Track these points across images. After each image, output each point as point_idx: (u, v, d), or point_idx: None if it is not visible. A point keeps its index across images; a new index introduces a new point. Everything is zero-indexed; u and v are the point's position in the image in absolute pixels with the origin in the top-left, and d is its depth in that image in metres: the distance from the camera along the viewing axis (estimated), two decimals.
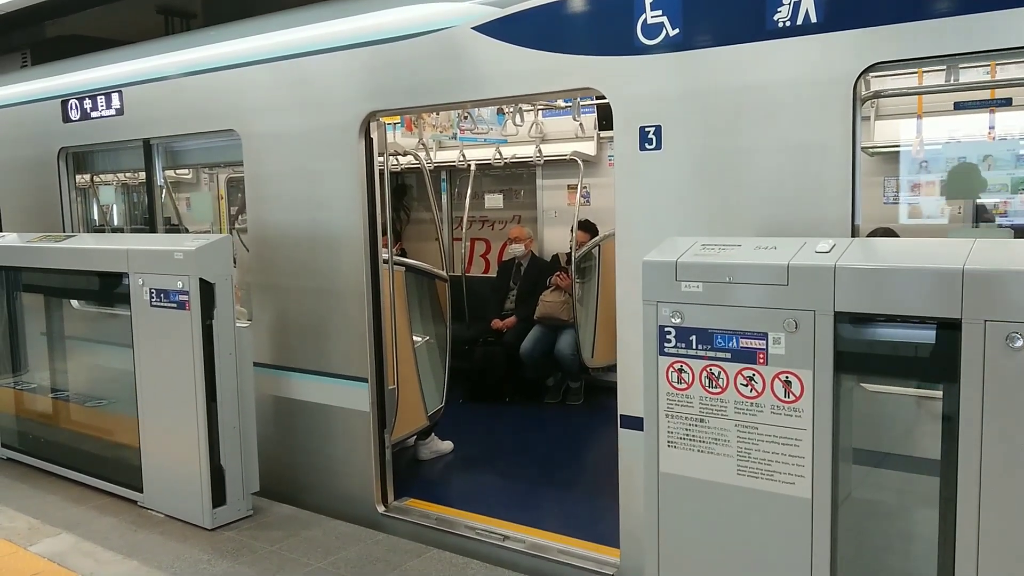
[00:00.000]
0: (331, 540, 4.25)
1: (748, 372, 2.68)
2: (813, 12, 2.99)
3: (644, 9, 3.37)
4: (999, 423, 2.26)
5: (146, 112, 5.56)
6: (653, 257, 2.88)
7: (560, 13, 3.63)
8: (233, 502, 4.48)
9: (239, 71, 4.93)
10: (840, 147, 3.00)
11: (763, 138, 3.16)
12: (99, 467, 5.06)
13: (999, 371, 2.24)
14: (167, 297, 4.38)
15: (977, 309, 2.26)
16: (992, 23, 2.68)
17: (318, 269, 4.72)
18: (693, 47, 3.28)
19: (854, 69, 2.94)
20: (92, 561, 4.02)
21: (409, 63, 4.18)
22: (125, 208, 8.07)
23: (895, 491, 2.99)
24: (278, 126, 4.80)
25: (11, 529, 4.44)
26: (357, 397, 4.60)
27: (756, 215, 3.19)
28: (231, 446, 4.45)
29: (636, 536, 3.50)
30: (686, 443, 2.83)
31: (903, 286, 2.41)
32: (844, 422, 2.62)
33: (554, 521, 4.51)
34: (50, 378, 5.74)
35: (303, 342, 4.85)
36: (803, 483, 2.61)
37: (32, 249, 5.34)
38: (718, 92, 3.24)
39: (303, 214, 4.75)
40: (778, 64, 3.09)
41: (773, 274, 2.61)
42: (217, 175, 8.50)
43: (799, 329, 2.57)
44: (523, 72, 3.78)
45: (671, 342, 2.82)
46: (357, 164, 4.46)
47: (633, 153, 3.47)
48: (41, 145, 6.35)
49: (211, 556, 4.07)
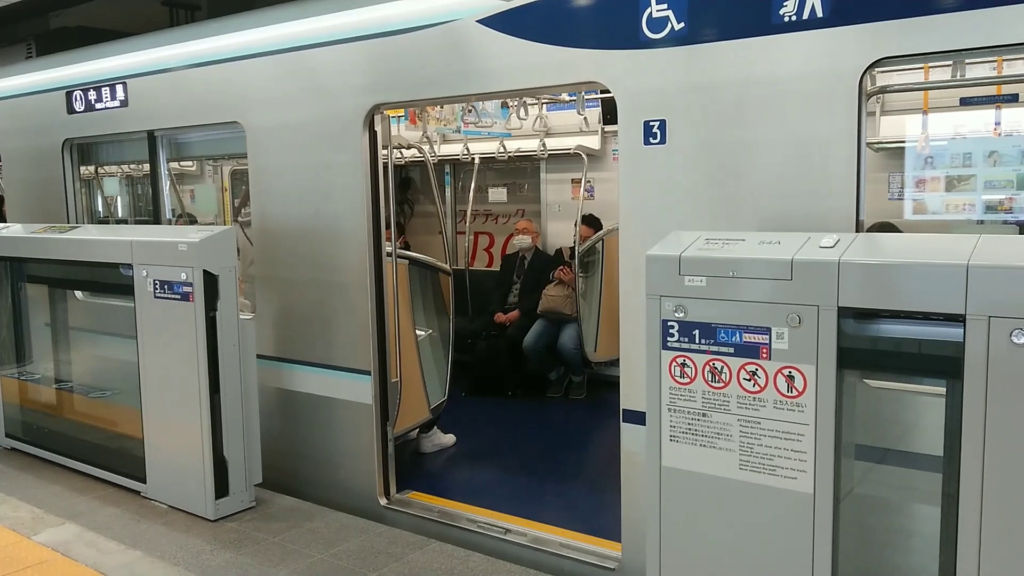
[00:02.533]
0: (333, 532, 4.26)
1: (751, 367, 2.68)
2: (819, 6, 2.98)
3: (649, 3, 3.36)
4: (1002, 419, 2.26)
5: (150, 104, 5.56)
6: (657, 251, 2.88)
7: (565, 6, 3.62)
8: (236, 493, 4.50)
9: (243, 63, 4.92)
10: (845, 142, 2.99)
11: (768, 133, 3.15)
12: (103, 458, 5.08)
13: (1002, 367, 2.24)
14: (171, 289, 4.38)
15: (981, 305, 2.26)
16: (999, 18, 2.67)
17: (321, 262, 4.73)
18: (698, 41, 3.27)
19: (860, 64, 2.93)
20: (95, 551, 4.04)
21: (413, 56, 4.17)
22: (129, 200, 8.08)
23: (897, 487, 2.99)
24: (282, 119, 4.80)
25: (15, 519, 4.46)
26: (360, 390, 4.61)
27: (760, 210, 3.19)
28: (234, 437, 4.46)
29: (638, 530, 3.50)
30: (688, 437, 2.83)
31: (907, 282, 2.40)
32: (847, 418, 2.62)
33: (556, 515, 4.52)
34: (54, 369, 5.76)
35: (306, 334, 4.86)
36: (805, 478, 2.61)
37: (37, 240, 5.35)
38: (723, 86, 3.23)
39: (307, 207, 4.75)
40: (783, 59, 3.08)
41: (777, 269, 2.60)
42: (221, 167, 8.52)
43: (802, 324, 2.56)
44: (527, 65, 3.77)
45: (674, 336, 2.82)
46: (361, 157, 4.46)
47: (637, 147, 3.47)
48: (46, 136, 6.36)
49: (214, 547, 4.09)
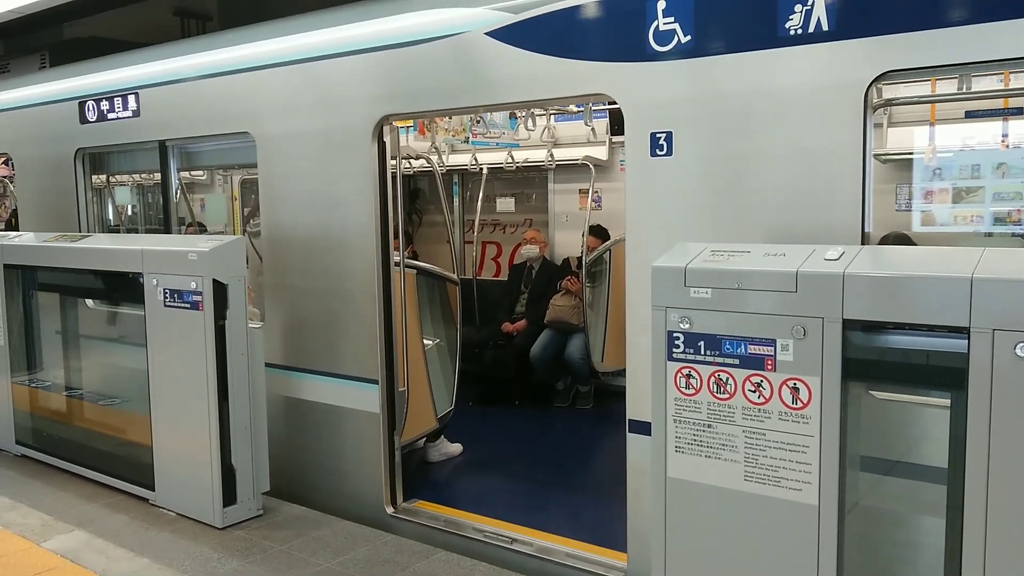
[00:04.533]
0: (340, 540, 4.28)
1: (756, 378, 2.69)
2: (825, 20, 3.00)
3: (656, 16, 3.39)
4: (1006, 432, 2.26)
5: (162, 114, 5.61)
6: (663, 263, 2.90)
7: (572, 19, 3.65)
8: (243, 501, 4.52)
9: (254, 74, 4.97)
10: (851, 155, 3.00)
11: (774, 146, 3.17)
12: (112, 465, 5.11)
13: (1007, 380, 2.24)
14: (181, 297, 4.42)
15: (985, 318, 2.26)
16: (1004, 32, 2.69)
17: (330, 271, 4.75)
18: (704, 54, 3.29)
19: (865, 77, 2.94)
20: (104, 558, 4.07)
21: (422, 67, 4.21)
22: (140, 208, 8.14)
23: (903, 499, 2.98)
24: (292, 129, 4.84)
25: (25, 525, 4.49)
26: (367, 399, 4.63)
27: (766, 221, 3.20)
28: (242, 446, 4.49)
29: (643, 540, 3.51)
30: (694, 448, 2.84)
31: (911, 294, 2.41)
32: (852, 429, 2.63)
33: (562, 524, 4.52)
34: (64, 376, 5.80)
35: (314, 343, 4.88)
36: (810, 490, 2.62)
37: (48, 248, 5.40)
38: (729, 99, 3.25)
39: (316, 216, 4.79)
40: (789, 72, 3.10)
41: (782, 281, 2.61)
42: (231, 176, 8.58)
43: (807, 336, 2.57)
44: (535, 77, 3.80)
45: (680, 347, 2.83)
46: (370, 167, 4.49)
47: (644, 159, 3.49)
48: (59, 146, 6.42)
49: (221, 555, 4.11)
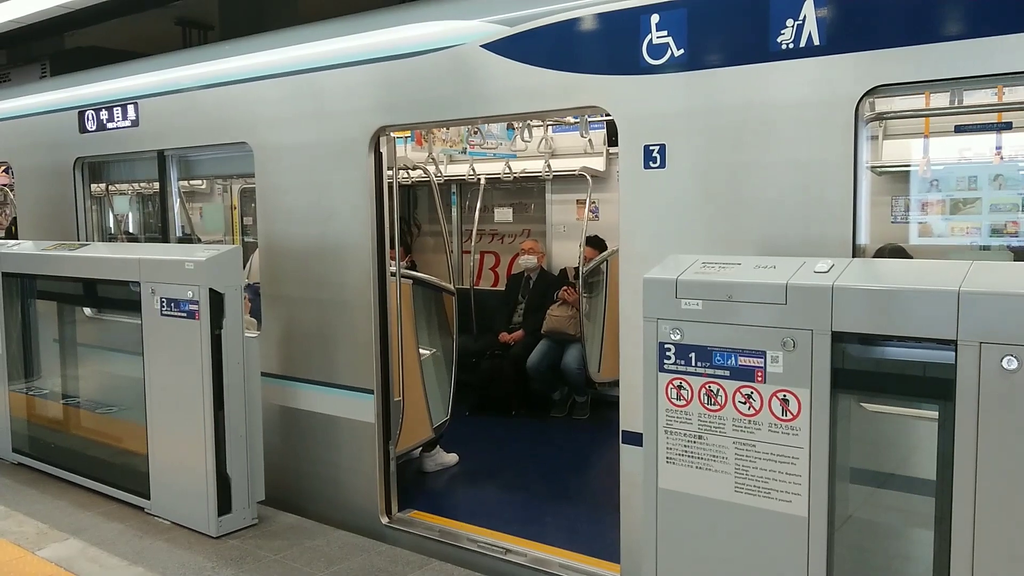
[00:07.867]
0: (334, 550, 4.28)
1: (746, 390, 2.70)
2: (816, 35, 3.03)
3: (650, 29, 3.42)
4: (994, 444, 2.28)
5: (161, 124, 5.64)
6: (654, 274, 2.92)
7: (567, 32, 3.68)
8: (238, 510, 4.52)
9: (252, 85, 5.00)
10: (842, 168, 3.02)
11: (766, 159, 3.19)
12: (107, 473, 5.12)
13: (993, 392, 2.26)
14: (177, 306, 4.44)
15: (972, 331, 2.28)
16: (996, 47, 2.71)
17: (326, 281, 4.77)
18: (697, 67, 3.32)
19: (856, 91, 2.97)
20: (98, 567, 4.07)
21: (419, 79, 4.24)
22: (139, 217, 8.16)
23: (892, 511, 2.99)
24: (289, 139, 4.87)
25: (20, 533, 4.49)
26: (363, 408, 4.64)
27: (758, 234, 3.22)
28: (237, 455, 4.49)
29: (637, 551, 3.51)
30: (685, 459, 2.85)
31: (900, 307, 2.43)
32: (841, 441, 2.64)
33: (556, 535, 4.52)
34: (61, 384, 5.81)
35: (310, 353, 4.90)
36: (800, 501, 2.63)
37: (47, 257, 5.43)
38: (722, 112, 3.28)
39: (313, 226, 4.81)
40: (781, 86, 3.12)
41: (772, 293, 2.63)
42: (230, 186, 8.60)
43: (797, 348, 2.59)
44: (531, 89, 3.83)
45: (671, 359, 2.85)
46: (366, 177, 4.52)
47: (637, 171, 3.51)
48: (58, 155, 6.45)
49: (216, 564, 4.11)
